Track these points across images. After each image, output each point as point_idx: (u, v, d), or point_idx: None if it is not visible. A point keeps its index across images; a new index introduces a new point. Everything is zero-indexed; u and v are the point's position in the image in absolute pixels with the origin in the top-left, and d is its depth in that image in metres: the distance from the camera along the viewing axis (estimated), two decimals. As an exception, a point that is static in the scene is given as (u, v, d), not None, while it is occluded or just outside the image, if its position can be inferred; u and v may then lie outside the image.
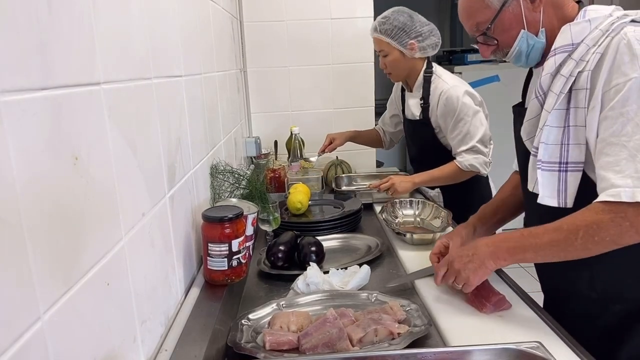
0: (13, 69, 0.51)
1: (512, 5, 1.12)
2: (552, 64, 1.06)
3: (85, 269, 0.64)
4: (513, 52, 1.16)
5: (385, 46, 1.97)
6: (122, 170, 0.77)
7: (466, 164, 1.90)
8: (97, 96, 0.70)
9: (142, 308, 0.83)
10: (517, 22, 1.13)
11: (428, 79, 1.99)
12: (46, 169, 0.56)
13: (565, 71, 1.04)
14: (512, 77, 4.11)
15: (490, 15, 1.14)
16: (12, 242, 0.49)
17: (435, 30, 1.98)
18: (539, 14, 1.12)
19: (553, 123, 1.06)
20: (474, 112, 1.89)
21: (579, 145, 1.04)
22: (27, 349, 0.50)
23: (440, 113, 1.94)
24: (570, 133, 1.05)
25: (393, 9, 1.96)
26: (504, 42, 1.16)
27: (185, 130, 1.21)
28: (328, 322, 1.04)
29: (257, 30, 2.57)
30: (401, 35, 1.92)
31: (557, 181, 1.07)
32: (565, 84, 1.04)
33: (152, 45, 0.98)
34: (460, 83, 1.97)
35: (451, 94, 1.90)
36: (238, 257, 1.16)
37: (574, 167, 1.06)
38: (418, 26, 1.93)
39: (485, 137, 1.91)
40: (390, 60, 1.99)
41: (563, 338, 1.02)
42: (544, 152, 1.08)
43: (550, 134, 1.07)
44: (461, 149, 1.91)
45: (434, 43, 1.97)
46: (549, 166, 1.08)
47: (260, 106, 2.67)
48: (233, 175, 1.54)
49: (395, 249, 1.58)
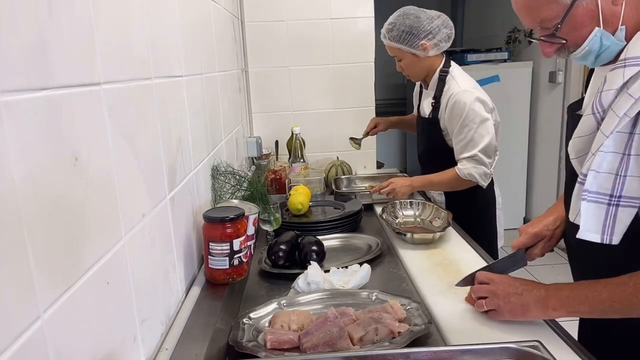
0: (13, 69, 0.51)
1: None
2: (620, 77, 0.87)
3: (85, 268, 0.64)
4: (581, 52, 0.98)
5: (397, 52, 1.95)
6: (122, 170, 0.78)
7: (465, 172, 1.87)
8: (97, 96, 0.70)
9: (142, 307, 0.83)
10: (592, 18, 0.94)
11: (443, 78, 1.95)
12: (46, 169, 0.56)
13: (636, 90, 0.84)
14: (512, 77, 4.13)
15: (558, 11, 0.95)
16: (12, 242, 0.49)
17: (446, 20, 1.91)
18: (620, 8, 0.92)
19: (609, 148, 0.89)
20: (481, 119, 1.84)
21: (639, 179, 0.88)
22: (27, 348, 0.50)
23: (448, 116, 1.91)
24: (630, 163, 0.88)
25: (398, 13, 1.92)
26: (573, 42, 0.98)
27: (186, 131, 1.21)
28: (329, 321, 1.04)
29: (259, 30, 2.57)
30: (410, 38, 1.88)
31: (604, 215, 0.92)
32: (633, 105, 0.85)
33: (153, 45, 0.98)
34: (473, 88, 1.91)
35: (460, 98, 1.85)
36: (239, 256, 1.16)
37: (628, 203, 0.89)
38: (426, 24, 1.87)
39: (489, 147, 1.86)
40: (405, 63, 1.97)
41: (563, 338, 1.02)
42: (593, 181, 0.91)
43: (604, 161, 0.90)
44: (463, 155, 1.88)
45: (446, 36, 1.90)
46: (596, 197, 0.92)
47: (261, 106, 2.67)
48: (234, 176, 1.55)
49: (396, 248, 1.58)
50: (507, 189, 4.28)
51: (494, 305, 1.07)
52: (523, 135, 4.27)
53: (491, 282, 1.10)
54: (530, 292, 1.03)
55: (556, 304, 0.98)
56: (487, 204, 2.07)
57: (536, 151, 4.30)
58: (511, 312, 1.04)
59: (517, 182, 4.36)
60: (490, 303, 1.07)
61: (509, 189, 4.26)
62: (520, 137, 4.26)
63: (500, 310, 1.06)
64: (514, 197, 4.35)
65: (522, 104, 4.20)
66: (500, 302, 1.05)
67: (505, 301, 1.05)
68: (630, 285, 0.89)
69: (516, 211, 4.41)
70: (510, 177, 4.30)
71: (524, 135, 4.28)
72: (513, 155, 4.28)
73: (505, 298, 1.05)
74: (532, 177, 4.38)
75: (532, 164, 4.36)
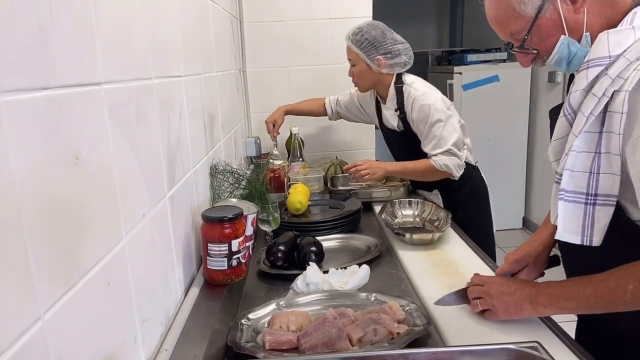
0: (13, 69, 0.51)
1: (549, 10, 0.97)
2: (584, 78, 0.91)
3: (86, 269, 0.64)
4: (552, 59, 1.01)
5: (354, 56, 2.01)
6: (122, 170, 0.78)
7: (441, 163, 1.92)
8: (97, 96, 0.70)
9: (142, 307, 0.83)
10: (557, 27, 0.98)
11: (400, 89, 2.02)
12: (47, 169, 0.56)
13: (598, 90, 0.88)
14: (512, 77, 4.14)
15: (524, 24, 1.00)
16: (13, 242, 0.49)
17: (408, 50, 2.00)
18: (582, 16, 0.95)
19: (581, 148, 0.91)
20: (446, 117, 1.91)
21: (612, 176, 0.89)
22: (28, 349, 0.50)
23: (415, 120, 1.97)
24: (601, 161, 0.90)
25: (369, 22, 2.00)
26: (545, 50, 1.02)
27: (185, 130, 1.21)
28: (327, 322, 1.04)
29: (257, 30, 2.57)
30: (370, 49, 1.95)
31: (582, 215, 0.93)
32: (597, 105, 0.88)
33: (152, 46, 0.98)
34: (431, 89, 2.00)
35: (423, 101, 1.93)
36: (238, 257, 1.16)
37: (604, 201, 0.91)
38: (389, 44, 1.96)
39: (458, 141, 1.93)
40: (357, 70, 2.04)
41: (562, 338, 1.02)
42: (568, 180, 0.93)
43: (577, 160, 0.92)
44: (436, 151, 1.93)
45: (402, 62, 1.99)
46: (572, 196, 0.94)
47: (259, 106, 2.67)
48: (233, 175, 1.55)
49: (395, 249, 1.58)
50: (507, 188, 4.32)
51: (488, 305, 1.08)
52: (522, 135, 4.28)
53: (485, 284, 1.12)
54: (522, 290, 1.05)
55: (545, 300, 1.00)
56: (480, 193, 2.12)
57: (535, 151, 4.30)
58: (505, 312, 1.06)
59: (517, 181, 4.37)
60: (485, 303, 1.09)
61: (509, 189, 4.28)
62: (520, 137, 4.27)
63: (494, 309, 1.07)
64: (513, 197, 4.36)
65: (521, 103, 4.21)
66: (494, 301, 1.07)
67: (499, 301, 1.06)
68: (612, 281, 0.91)
69: (516, 211, 4.42)
70: (510, 177, 4.31)
71: (524, 135, 4.28)
72: (512, 155, 4.29)
73: (499, 298, 1.07)
74: (532, 176, 4.39)
75: (531, 164, 4.36)
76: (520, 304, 1.04)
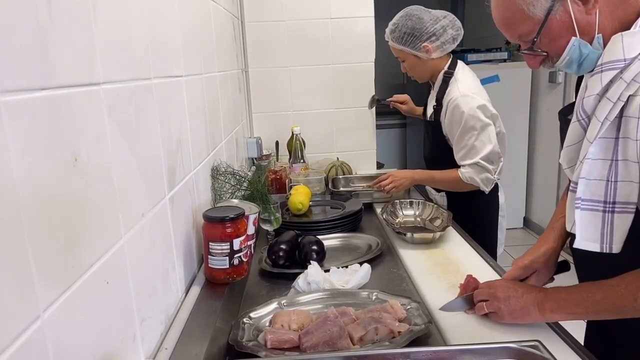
0: (13, 69, 0.51)
1: (559, 12, 0.93)
2: (598, 82, 0.88)
3: (85, 268, 0.64)
4: (563, 61, 0.98)
5: (399, 53, 1.94)
6: (121, 170, 0.78)
7: (467, 176, 1.84)
8: (97, 96, 0.71)
9: (142, 306, 0.83)
10: (567, 29, 0.94)
11: (447, 80, 1.90)
12: (46, 169, 0.56)
13: (613, 94, 0.85)
14: (512, 77, 4.13)
15: (533, 26, 0.96)
16: (12, 242, 0.49)
17: (453, 20, 1.87)
18: (594, 17, 0.92)
19: (597, 155, 0.88)
20: (481, 126, 1.79)
21: (630, 184, 0.86)
22: (27, 348, 0.50)
23: (448, 121, 1.87)
24: (618, 169, 0.87)
25: (402, 13, 1.89)
26: (554, 52, 0.99)
27: (186, 131, 1.21)
28: (329, 321, 1.04)
29: (259, 30, 2.57)
30: (412, 40, 1.86)
31: (600, 223, 0.90)
32: (612, 109, 0.85)
33: (153, 45, 0.98)
34: (475, 93, 1.85)
35: (458, 104, 1.80)
36: (239, 256, 1.16)
37: (622, 208, 0.88)
38: (429, 25, 1.83)
39: (492, 154, 1.82)
40: (408, 65, 1.95)
41: (563, 337, 1.02)
42: (584, 189, 0.91)
43: (593, 168, 0.89)
44: (465, 162, 1.84)
45: (451, 37, 1.86)
46: (590, 205, 0.91)
47: (261, 106, 2.67)
48: (234, 177, 1.55)
49: (396, 248, 1.58)
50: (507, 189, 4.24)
51: (494, 308, 1.07)
52: (523, 135, 4.27)
53: (492, 287, 1.11)
54: (530, 294, 1.04)
55: (553, 306, 0.99)
56: (489, 210, 2.04)
57: (536, 151, 4.30)
58: (511, 315, 1.05)
59: (517, 182, 4.37)
60: (491, 306, 1.08)
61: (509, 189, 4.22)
62: (520, 137, 4.26)
63: (500, 312, 1.06)
64: (514, 197, 4.34)
65: (522, 104, 4.20)
66: (500, 304, 1.06)
67: (505, 304, 1.05)
68: (622, 287, 0.90)
69: (516, 211, 4.41)
70: (510, 177, 4.29)
71: (524, 135, 4.28)
72: (513, 155, 4.26)
73: (505, 301, 1.06)
74: (532, 177, 4.38)
75: (532, 164, 4.36)
76: (527, 308, 1.02)
